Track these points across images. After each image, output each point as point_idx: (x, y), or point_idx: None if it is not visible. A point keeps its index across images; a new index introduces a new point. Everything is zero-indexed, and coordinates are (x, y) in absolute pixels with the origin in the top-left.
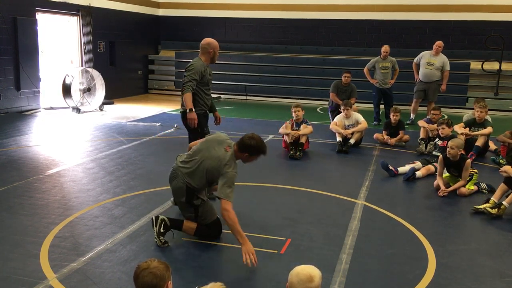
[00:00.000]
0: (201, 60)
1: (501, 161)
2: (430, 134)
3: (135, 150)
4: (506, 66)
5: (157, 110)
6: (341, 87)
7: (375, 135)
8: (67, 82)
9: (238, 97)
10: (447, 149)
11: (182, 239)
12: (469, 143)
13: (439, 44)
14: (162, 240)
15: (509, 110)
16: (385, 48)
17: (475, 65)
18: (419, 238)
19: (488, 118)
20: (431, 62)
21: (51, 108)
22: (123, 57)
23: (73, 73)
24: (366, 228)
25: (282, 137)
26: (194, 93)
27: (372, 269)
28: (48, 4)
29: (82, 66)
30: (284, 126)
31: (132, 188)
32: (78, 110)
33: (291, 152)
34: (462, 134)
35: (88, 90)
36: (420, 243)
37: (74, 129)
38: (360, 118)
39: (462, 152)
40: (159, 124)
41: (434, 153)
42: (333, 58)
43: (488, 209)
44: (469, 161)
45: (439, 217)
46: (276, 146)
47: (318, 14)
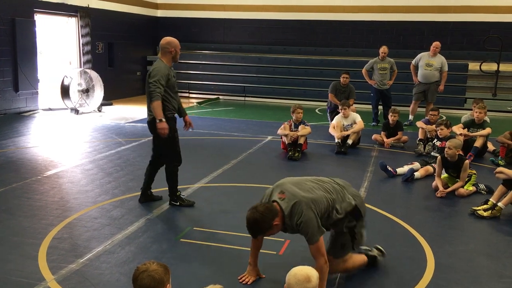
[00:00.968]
0: (162, 62)
1: (500, 162)
2: (429, 135)
3: (134, 151)
4: (504, 67)
5: None
6: (339, 88)
7: (374, 136)
8: (66, 83)
9: (237, 98)
10: (445, 149)
11: (181, 240)
12: (467, 144)
13: (436, 45)
14: None
15: (507, 111)
16: (383, 49)
17: (473, 66)
18: (418, 239)
19: (486, 119)
20: (430, 63)
21: (50, 109)
22: (122, 58)
23: (71, 74)
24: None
25: (281, 138)
26: (164, 98)
27: (370, 270)
28: (46, 5)
29: (80, 67)
30: (282, 127)
31: (130, 189)
32: (76, 111)
33: (290, 153)
34: (460, 135)
35: (86, 91)
36: (418, 244)
37: (72, 130)
38: (357, 118)
39: (461, 152)
40: None
41: (432, 154)
42: (331, 59)
43: (479, 212)
44: (467, 161)
45: (438, 218)
46: (274, 147)
47: (317, 15)
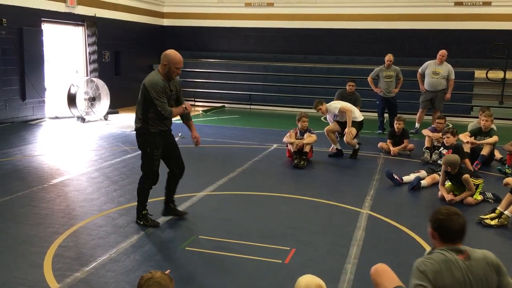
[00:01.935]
0: (159, 73)
1: (507, 170)
2: (435, 143)
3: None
4: (511, 75)
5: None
6: (345, 96)
7: (380, 144)
8: (72, 91)
9: (242, 106)
10: (447, 167)
11: (186, 249)
12: (474, 152)
13: (443, 53)
14: None
15: None
16: (388, 57)
17: (480, 73)
18: (425, 248)
19: (493, 127)
20: (437, 71)
21: (56, 117)
22: (128, 66)
23: (78, 82)
24: (371, 237)
25: (286, 146)
26: (153, 110)
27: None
28: (54, 14)
29: (87, 75)
30: (288, 135)
31: (136, 197)
32: (83, 120)
33: (295, 161)
34: (467, 143)
35: (93, 100)
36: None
37: (78, 138)
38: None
39: (466, 162)
40: None
41: (439, 162)
42: (337, 67)
43: (486, 221)
44: (466, 175)
45: None
46: (280, 155)
47: (322, 24)
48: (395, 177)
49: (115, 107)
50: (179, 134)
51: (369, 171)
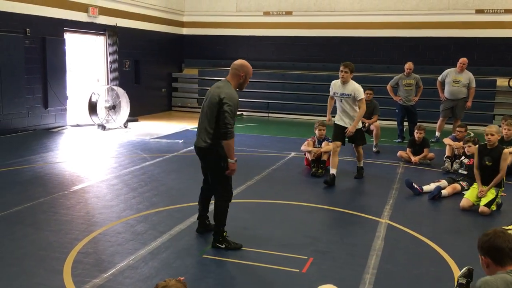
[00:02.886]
0: (230, 85)
1: None
2: (456, 152)
3: (158, 167)
4: None
5: (180, 127)
6: None
7: (399, 153)
8: (93, 100)
9: (261, 114)
10: (487, 136)
11: (203, 256)
12: None
13: (464, 61)
14: None
15: None
16: (408, 65)
17: (502, 82)
18: (445, 259)
19: None
20: (457, 80)
21: (77, 125)
22: (148, 75)
23: (99, 91)
24: (390, 247)
25: (304, 154)
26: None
27: None
28: (76, 24)
29: (108, 84)
30: (306, 143)
31: (154, 204)
32: (103, 127)
33: (313, 169)
34: None
35: (113, 108)
36: (446, 264)
37: (99, 146)
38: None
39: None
40: (182, 141)
41: (460, 171)
42: (356, 75)
43: (510, 232)
44: (506, 150)
45: (466, 237)
46: (298, 163)
47: (341, 32)
48: (415, 186)
49: (135, 115)
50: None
51: (388, 180)
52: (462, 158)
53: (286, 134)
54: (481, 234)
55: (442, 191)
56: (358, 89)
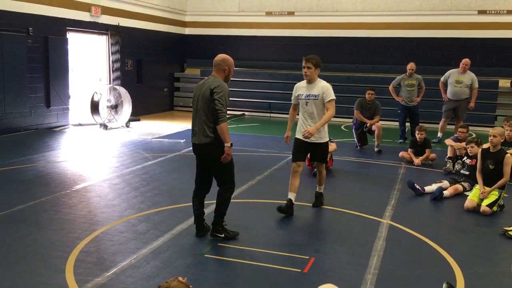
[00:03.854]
0: (218, 78)
1: None
2: (458, 153)
3: (160, 167)
4: None
5: (181, 127)
6: (365, 105)
7: (401, 154)
8: (95, 99)
9: (262, 114)
10: (490, 137)
11: (205, 256)
12: None
13: (466, 62)
14: None
15: None
16: (410, 65)
17: (504, 83)
18: (447, 259)
19: None
20: (460, 80)
21: (80, 124)
22: (150, 75)
23: (101, 90)
24: (392, 248)
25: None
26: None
27: None
28: (78, 23)
29: (110, 83)
30: None
31: (156, 204)
32: (105, 127)
33: (315, 169)
34: None
35: (115, 107)
36: (448, 265)
37: (101, 145)
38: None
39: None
40: (184, 140)
41: (462, 172)
42: (358, 75)
43: (510, 233)
44: (509, 155)
45: (468, 238)
46: None
47: (343, 32)
48: (417, 187)
49: (137, 115)
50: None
51: (390, 181)
52: (464, 158)
53: None
54: None
55: (444, 192)
56: (328, 88)
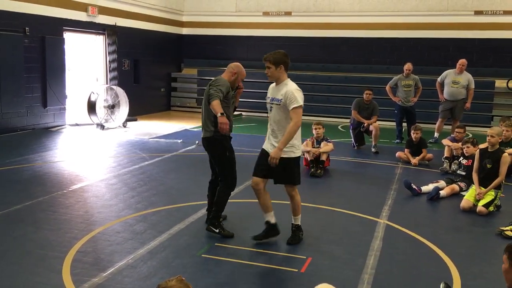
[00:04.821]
0: (223, 77)
1: None
2: (455, 153)
3: (157, 167)
4: None
5: (179, 127)
6: (362, 105)
7: (398, 154)
8: (92, 99)
9: (260, 114)
10: (487, 137)
11: (203, 256)
12: None
13: (463, 62)
14: None
15: None
16: (407, 66)
17: (500, 83)
18: (443, 259)
19: None
20: (457, 81)
21: (76, 124)
22: (147, 75)
23: (98, 90)
24: (389, 248)
25: (303, 154)
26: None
27: None
28: (75, 23)
29: (107, 83)
30: (305, 143)
31: (153, 204)
32: (102, 127)
33: (312, 169)
34: None
35: (112, 107)
36: (444, 264)
37: (98, 145)
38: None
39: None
40: (181, 141)
41: (458, 172)
42: (355, 76)
43: (506, 233)
44: (506, 154)
45: (464, 237)
46: None
47: (340, 32)
48: (414, 187)
49: (134, 115)
50: (196, 142)
51: (387, 181)
52: (461, 159)
53: None
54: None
55: (441, 192)
56: (293, 92)
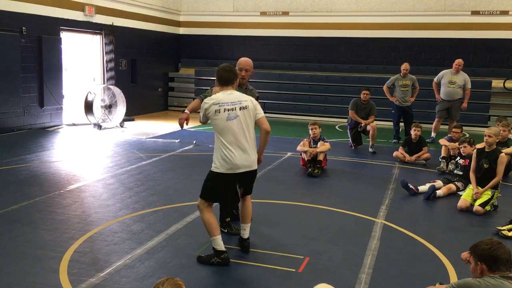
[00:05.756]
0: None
1: None
2: (452, 153)
3: (154, 167)
4: None
5: (176, 127)
6: (360, 105)
7: (395, 153)
8: (89, 99)
9: None
10: (485, 137)
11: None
12: None
13: (459, 62)
14: None
15: None
16: (405, 66)
17: (497, 83)
18: (440, 258)
19: (511, 137)
20: (453, 81)
21: (73, 124)
22: (144, 74)
23: (95, 90)
24: (386, 247)
25: (300, 154)
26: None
27: None
28: (72, 23)
29: (104, 83)
30: (302, 143)
31: (151, 204)
32: (99, 127)
33: (309, 169)
34: None
35: (109, 107)
36: (441, 264)
37: (95, 145)
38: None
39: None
40: (178, 140)
41: (455, 172)
42: (352, 76)
43: (503, 232)
44: (503, 154)
45: (461, 237)
46: (294, 163)
47: (337, 32)
48: (411, 186)
49: (131, 115)
50: (193, 142)
51: (384, 180)
52: (458, 158)
53: (282, 134)
54: (479, 242)
55: (437, 192)
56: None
